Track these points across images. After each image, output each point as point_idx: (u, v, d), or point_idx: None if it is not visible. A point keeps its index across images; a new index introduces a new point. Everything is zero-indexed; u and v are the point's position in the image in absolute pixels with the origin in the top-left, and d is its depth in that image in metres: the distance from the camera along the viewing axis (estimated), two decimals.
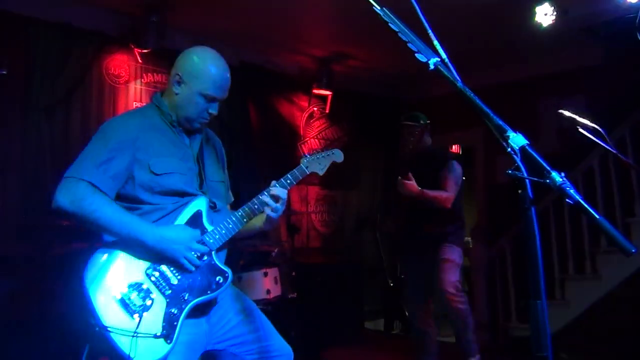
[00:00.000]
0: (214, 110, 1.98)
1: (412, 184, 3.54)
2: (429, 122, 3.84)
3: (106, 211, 1.75)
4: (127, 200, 1.87)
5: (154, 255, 1.80)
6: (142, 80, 4.70)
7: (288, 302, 4.23)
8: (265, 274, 4.15)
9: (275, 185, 2.01)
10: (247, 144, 5.31)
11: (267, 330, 2.08)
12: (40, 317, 3.44)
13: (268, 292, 4.10)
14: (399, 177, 3.60)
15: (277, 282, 4.25)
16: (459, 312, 3.61)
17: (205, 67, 1.94)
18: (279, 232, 5.55)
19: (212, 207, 2.01)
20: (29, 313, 3.50)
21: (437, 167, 3.68)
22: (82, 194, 1.74)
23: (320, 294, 5.05)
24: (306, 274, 5.02)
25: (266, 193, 1.98)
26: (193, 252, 1.83)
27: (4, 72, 3.84)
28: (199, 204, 1.94)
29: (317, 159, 2.20)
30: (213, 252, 1.91)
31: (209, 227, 1.93)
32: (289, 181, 2.07)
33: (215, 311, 1.98)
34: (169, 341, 1.75)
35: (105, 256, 1.79)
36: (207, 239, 1.90)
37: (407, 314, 4.69)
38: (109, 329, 1.67)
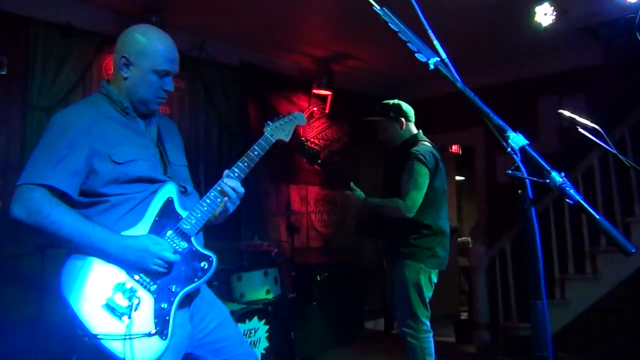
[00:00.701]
0: (168, 86, 1.89)
1: (352, 194, 3.21)
2: (401, 110, 3.30)
3: (65, 221, 1.64)
4: (92, 195, 1.76)
5: (121, 263, 1.70)
6: None
7: (288, 302, 4.23)
8: (265, 274, 4.15)
9: (238, 164, 1.97)
10: (246, 144, 5.30)
11: (239, 338, 2.04)
12: (40, 317, 3.44)
13: (268, 292, 4.10)
14: (343, 190, 3.27)
15: (277, 282, 4.25)
16: (408, 346, 3.10)
17: (152, 43, 1.84)
18: (279, 232, 5.56)
19: (183, 191, 1.93)
20: (29, 313, 3.50)
21: (402, 167, 3.13)
22: (38, 204, 1.63)
23: (320, 294, 5.05)
24: (306, 274, 5.02)
25: (229, 172, 1.93)
26: (159, 259, 1.72)
27: (4, 72, 3.85)
28: (169, 190, 1.86)
29: (279, 125, 2.19)
30: (192, 238, 1.83)
31: (183, 213, 1.84)
32: (256, 152, 2.03)
33: (197, 311, 1.92)
34: (164, 337, 1.69)
35: (80, 262, 1.67)
36: (184, 225, 1.82)
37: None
38: (99, 336, 1.59)
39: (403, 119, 3.29)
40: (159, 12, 4.29)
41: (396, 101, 3.35)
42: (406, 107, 3.34)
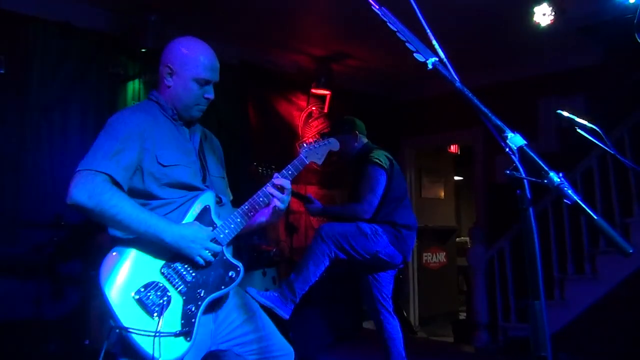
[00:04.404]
0: (209, 94, 1.99)
1: (310, 206, 3.49)
2: (354, 125, 3.58)
3: (125, 206, 1.72)
4: (134, 194, 1.84)
5: (169, 252, 1.80)
6: (141, 79, 4.69)
7: None
8: (264, 274, 4.15)
9: (277, 177, 2.04)
10: (245, 144, 5.31)
11: (269, 329, 2.08)
12: (40, 317, 3.43)
13: (266, 291, 4.09)
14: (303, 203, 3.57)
15: (275, 282, 4.25)
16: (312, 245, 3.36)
17: (193, 53, 1.95)
18: (278, 232, 5.55)
19: (218, 202, 2.01)
20: (28, 313, 3.50)
21: (360, 174, 3.41)
22: (100, 187, 1.71)
23: (318, 293, 5.04)
24: None
25: (270, 185, 2.01)
26: (208, 251, 1.83)
27: (2, 71, 3.85)
28: (207, 198, 1.94)
29: (314, 148, 2.27)
30: (223, 247, 1.91)
31: (218, 222, 1.93)
32: (290, 172, 2.10)
33: (221, 310, 1.99)
34: (188, 338, 1.76)
35: (118, 255, 1.76)
36: (217, 234, 1.90)
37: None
38: (130, 330, 1.65)
39: (357, 132, 3.59)
40: (159, 11, 4.29)
41: (349, 117, 3.70)
42: (358, 121, 3.65)
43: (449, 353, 5.44)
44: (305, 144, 2.26)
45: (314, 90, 5.97)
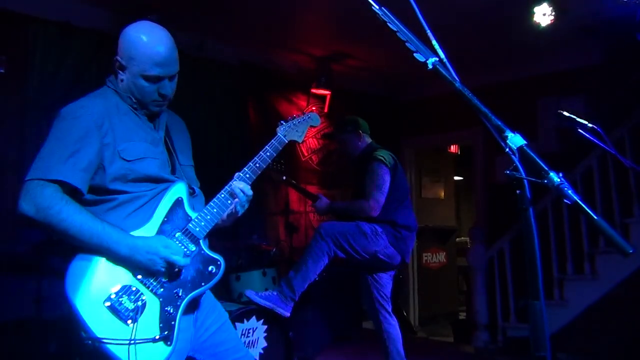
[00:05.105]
0: (165, 90, 1.79)
1: (319, 203, 3.51)
2: (357, 124, 3.59)
3: (76, 220, 1.59)
4: (98, 192, 1.71)
5: (128, 264, 1.66)
6: None
7: None
8: (264, 274, 4.15)
9: (255, 160, 1.95)
10: (245, 144, 5.31)
11: (237, 343, 2.00)
12: (40, 317, 3.43)
13: (265, 291, 4.09)
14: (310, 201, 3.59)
15: (275, 282, 4.25)
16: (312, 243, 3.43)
17: (139, 46, 1.73)
18: (278, 232, 5.55)
19: (191, 193, 1.89)
20: (28, 313, 3.50)
21: (364, 172, 3.40)
22: (48, 201, 1.58)
23: (318, 293, 5.04)
24: None
25: (251, 163, 1.93)
26: (168, 264, 1.69)
27: (2, 71, 3.84)
28: (179, 190, 1.81)
29: (293, 125, 2.14)
30: (201, 241, 1.79)
31: (193, 215, 1.80)
32: (268, 153, 1.99)
33: (199, 315, 1.89)
34: (169, 343, 1.65)
35: (85, 262, 1.63)
36: (193, 227, 1.78)
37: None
38: (103, 340, 1.54)
39: (360, 132, 3.59)
40: (159, 10, 4.28)
41: (352, 117, 3.70)
42: (361, 121, 3.66)
43: (449, 353, 5.44)
44: (282, 122, 2.11)
45: (314, 90, 5.97)
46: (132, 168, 1.72)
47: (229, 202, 1.86)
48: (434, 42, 1.22)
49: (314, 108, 6.24)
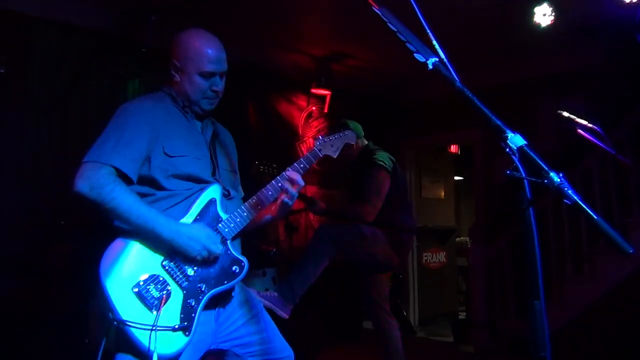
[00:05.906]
0: (217, 86, 2.01)
1: (315, 207, 3.48)
2: (354, 127, 3.55)
3: (125, 200, 1.72)
4: (141, 183, 1.84)
5: (169, 248, 1.78)
6: (141, 79, 4.69)
7: None
8: (264, 274, 4.15)
9: (289, 170, 2.02)
10: (245, 144, 5.30)
11: (272, 331, 2.07)
12: (40, 316, 3.43)
13: (266, 291, 4.09)
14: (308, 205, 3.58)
15: (275, 282, 4.25)
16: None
17: (194, 46, 1.96)
18: (278, 232, 5.55)
19: (226, 195, 1.99)
20: (29, 313, 3.50)
21: (362, 175, 3.42)
22: (103, 180, 1.71)
23: (318, 293, 5.05)
24: None
25: (281, 178, 2.00)
26: (207, 252, 1.80)
27: (2, 71, 3.84)
28: (213, 191, 1.92)
29: (329, 141, 2.22)
30: (228, 241, 1.89)
31: (224, 216, 1.91)
32: (302, 165, 2.07)
33: (224, 309, 1.96)
34: (187, 333, 1.73)
35: (121, 247, 1.75)
36: (222, 227, 1.88)
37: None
38: (127, 323, 1.64)
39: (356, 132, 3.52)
40: (159, 11, 4.29)
41: (345, 120, 3.64)
42: (354, 124, 3.61)
43: (449, 353, 5.44)
44: (320, 137, 2.21)
45: (314, 90, 5.97)
46: (173, 164, 1.85)
47: (259, 207, 1.97)
48: (434, 42, 1.22)
49: (314, 108, 6.24)
